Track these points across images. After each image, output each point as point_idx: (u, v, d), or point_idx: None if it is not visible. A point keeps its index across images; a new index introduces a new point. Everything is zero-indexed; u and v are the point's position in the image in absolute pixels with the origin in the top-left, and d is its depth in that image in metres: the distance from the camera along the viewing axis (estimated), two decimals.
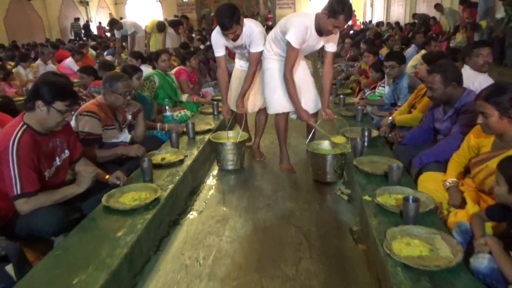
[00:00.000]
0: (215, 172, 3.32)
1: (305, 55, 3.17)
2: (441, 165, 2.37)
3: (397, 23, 15.89)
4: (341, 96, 4.39)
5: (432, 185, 2.21)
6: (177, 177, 2.60)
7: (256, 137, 3.54)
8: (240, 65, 3.36)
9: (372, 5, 24.41)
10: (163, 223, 2.33)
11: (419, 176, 2.44)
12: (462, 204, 2.02)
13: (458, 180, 2.16)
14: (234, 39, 2.94)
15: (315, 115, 3.19)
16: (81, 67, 4.72)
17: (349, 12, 2.59)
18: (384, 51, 6.11)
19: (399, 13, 18.42)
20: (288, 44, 2.75)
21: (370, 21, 21.39)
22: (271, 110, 3.13)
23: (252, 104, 3.33)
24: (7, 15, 15.13)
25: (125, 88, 2.77)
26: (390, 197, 2.16)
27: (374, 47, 5.01)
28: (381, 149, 3.01)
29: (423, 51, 5.22)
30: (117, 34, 7.99)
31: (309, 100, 3.10)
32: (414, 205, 1.86)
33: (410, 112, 3.24)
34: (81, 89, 3.29)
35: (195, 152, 3.12)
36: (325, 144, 3.03)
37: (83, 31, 18.83)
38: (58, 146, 2.18)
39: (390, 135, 2.87)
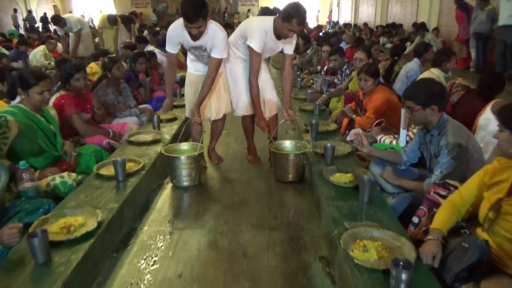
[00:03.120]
0: None
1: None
2: None
3: (366, 24, 14.68)
4: (328, 144, 2.74)
5: None
6: None
7: (212, 141, 3.36)
8: (195, 70, 3.04)
9: (338, 5, 23.34)
10: None
11: None
12: None
13: None
14: (196, 37, 2.70)
15: (276, 116, 3.21)
16: None
17: (301, 17, 2.64)
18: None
19: (369, 14, 17.27)
20: (251, 50, 2.78)
21: (337, 22, 20.20)
22: (239, 113, 3.13)
23: (216, 110, 3.09)
24: None
25: None
26: None
27: (375, 67, 3.38)
28: None
29: (434, 70, 3.71)
30: (60, 31, 7.17)
31: (272, 101, 3.13)
32: None
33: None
34: None
35: None
36: (287, 144, 3.03)
37: (40, 24, 17.05)
38: None
39: None
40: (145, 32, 9.71)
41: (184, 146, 2.99)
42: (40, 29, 15.76)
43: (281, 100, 3.22)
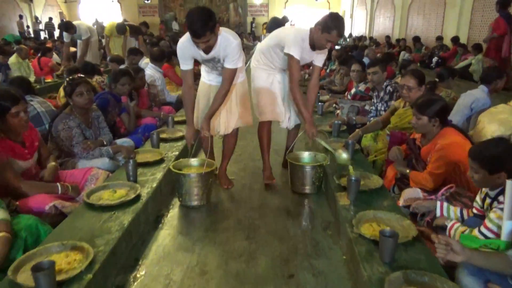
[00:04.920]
0: None
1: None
2: None
3: (388, 37, 13.72)
4: (387, 231, 1.71)
5: None
6: None
7: (223, 161, 3.10)
8: (208, 79, 2.91)
9: (352, 16, 22.43)
10: None
11: None
12: None
13: None
14: (206, 51, 2.56)
15: (298, 126, 3.23)
16: None
17: (341, 27, 2.66)
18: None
19: (386, 27, 16.31)
20: (290, 58, 2.77)
21: (350, 35, 19.26)
22: (259, 117, 3.10)
23: (225, 125, 2.90)
24: None
25: None
26: None
27: (442, 102, 2.34)
28: None
29: None
30: (66, 37, 6.84)
31: (296, 111, 3.11)
32: None
33: None
34: None
35: None
36: (305, 155, 3.00)
37: (58, 31, 16.93)
38: None
39: None
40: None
41: (195, 162, 2.79)
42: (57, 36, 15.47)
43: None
